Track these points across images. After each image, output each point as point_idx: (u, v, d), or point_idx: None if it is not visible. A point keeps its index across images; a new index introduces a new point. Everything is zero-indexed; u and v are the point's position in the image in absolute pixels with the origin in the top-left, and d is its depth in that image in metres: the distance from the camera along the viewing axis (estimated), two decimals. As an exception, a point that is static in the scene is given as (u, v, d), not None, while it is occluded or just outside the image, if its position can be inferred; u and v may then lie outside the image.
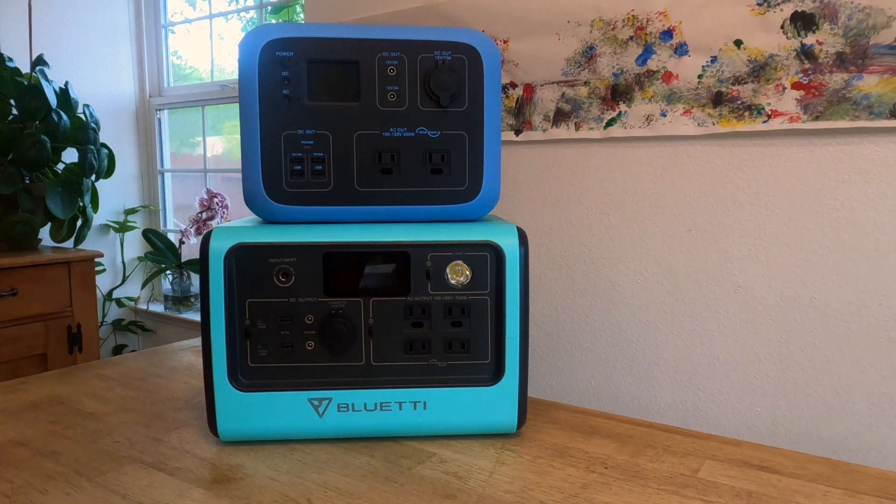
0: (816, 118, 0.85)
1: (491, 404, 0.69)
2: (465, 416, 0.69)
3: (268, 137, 0.64)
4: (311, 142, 0.65)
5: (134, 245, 2.32)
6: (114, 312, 2.31)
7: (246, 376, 0.65)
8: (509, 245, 0.68)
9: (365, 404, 0.67)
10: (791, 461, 0.64)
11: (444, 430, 0.70)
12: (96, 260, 1.77)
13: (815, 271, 0.88)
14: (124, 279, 2.29)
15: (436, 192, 0.69)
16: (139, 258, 2.33)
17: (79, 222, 1.84)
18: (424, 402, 0.68)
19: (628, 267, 1.03)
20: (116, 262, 2.28)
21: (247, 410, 0.64)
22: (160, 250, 2.14)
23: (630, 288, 1.03)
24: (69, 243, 1.94)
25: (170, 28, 2.25)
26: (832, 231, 0.86)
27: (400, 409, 0.67)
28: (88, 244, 2.15)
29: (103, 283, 2.24)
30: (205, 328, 0.63)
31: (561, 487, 0.59)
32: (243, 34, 0.70)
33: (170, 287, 2.22)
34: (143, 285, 2.30)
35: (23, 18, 1.89)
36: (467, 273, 0.67)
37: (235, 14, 2.12)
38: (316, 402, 0.66)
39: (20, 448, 0.65)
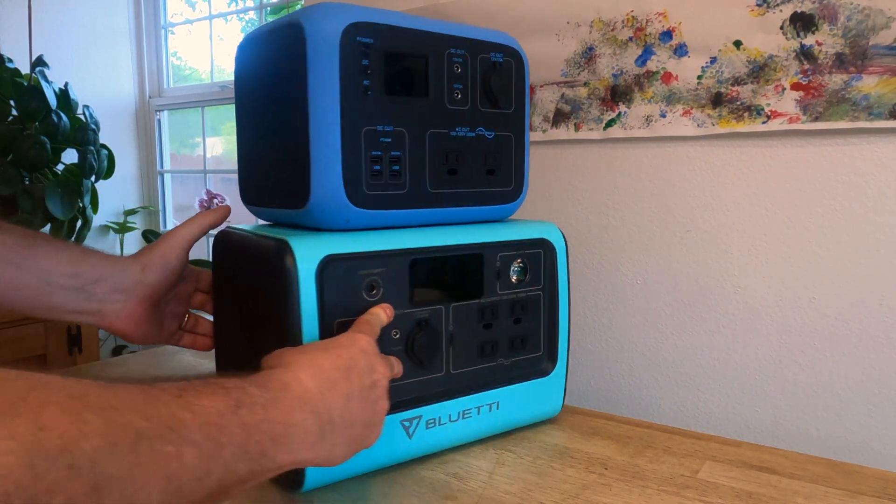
0: (816, 119, 0.85)
1: (546, 394, 0.72)
2: (528, 409, 0.71)
3: (346, 134, 0.56)
4: (389, 139, 0.59)
5: (134, 246, 2.32)
6: (114, 313, 2.30)
7: None
8: (558, 241, 0.72)
9: (450, 416, 0.64)
10: (791, 462, 0.64)
11: (511, 427, 0.70)
12: (96, 261, 1.77)
13: (814, 271, 0.88)
14: (124, 280, 2.28)
15: (490, 193, 0.68)
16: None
17: (78, 223, 1.84)
18: (497, 403, 0.68)
19: (628, 267, 1.03)
20: (116, 262, 2.28)
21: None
22: (160, 251, 2.14)
23: (630, 288, 1.03)
24: (69, 244, 1.93)
25: (170, 29, 2.25)
26: (832, 231, 0.86)
27: (478, 413, 0.66)
28: (88, 245, 2.14)
29: (103, 283, 2.23)
30: None
31: (561, 488, 0.59)
32: (303, 7, 0.55)
33: (170, 288, 2.22)
34: (143, 286, 2.29)
35: (23, 19, 1.89)
36: (526, 270, 0.68)
37: (235, 15, 2.12)
38: (407, 423, 0.61)
39: (20, 449, 0.65)
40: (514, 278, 0.68)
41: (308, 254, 0.53)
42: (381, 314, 0.55)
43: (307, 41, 0.54)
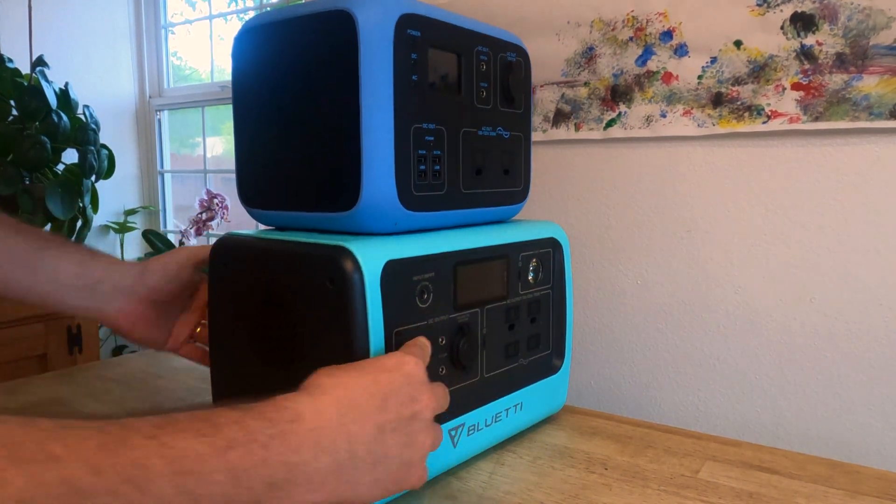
0: (816, 119, 0.85)
1: (555, 390, 0.72)
2: (541, 406, 0.71)
3: (399, 131, 0.53)
4: (433, 138, 0.56)
5: (134, 246, 2.32)
6: (114, 313, 2.31)
7: None
8: (564, 239, 0.73)
9: (486, 420, 0.62)
10: (791, 462, 0.64)
11: (528, 426, 0.71)
12: (96, 261, 1.77)
13: (815, 272, 0.88)
14: (124, 280, 2.28)
15: (505, 193, 0.68)
16: (139, 259, 2.33)
17: (79, 223, 1.84)
18: (521, 404, 0.68)
19: (628, 267, 1.03)
20: (116, 262, 2.28)
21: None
22: (160, 251, 2.14)
23: (630, 288, 1.03)
24: (69, 244, 1.93)
25: (170, 29, 2.25)
26: (832, 231, 0.86)
27: (506, 415, 0.65)
28: (94, 247, 2.14)
29: (103, 283, 2.23)
30: None
31: (561, 488, 0.59)
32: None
33: (170, 288, 2.22)
34: (143, 286, 2.29)
35: (23, 19, 1.89)
36: (539, 269, 0.69)
37: (235, 15, 2.12)
38: (453, 433, 0.59)
39: (20, 449, 0.65)
40: (530, 278, 0.67)
41: (371, 259, 0.49)
42: (427, 343, 0.51)
43: (359, 30, 0.50)
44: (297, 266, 0.53)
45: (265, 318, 0.56)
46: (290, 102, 0.57)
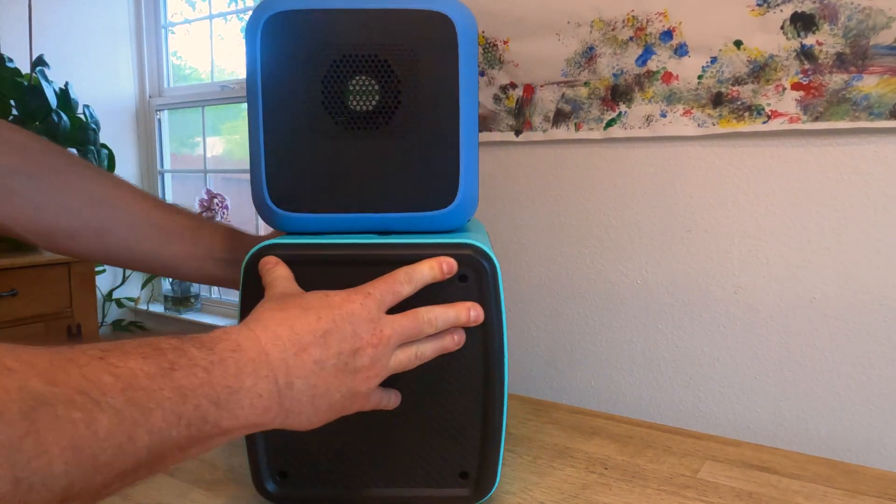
0: (816, 119, 0.85)
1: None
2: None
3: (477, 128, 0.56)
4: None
5: (134, 245, 2.32)
6: (114, 313, 2.31)
7: None
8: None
9: None
10: (791, 462, 0.64)
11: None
12: (96, 260, 1.77)
13: (814, 272, 0.88)
14: (124, 280, 2.29)
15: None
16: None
17: (79, 223, 1.83)
18: None
19: (628, 267, 1.03)
20: (116, 262, 2.28)
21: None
22: (160, 251, 2.14)
23: (630, 288, 1.03)
24: (69, 244, 1.93)
25: (170, 28, 2.25)
26: (832, 231, 0.86)
27: None
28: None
29: (103, 283, 2.24)
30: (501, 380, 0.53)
31: (561, 488, 0.59)
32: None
33: (169, 287, 2.22)
34: (143, 286, 2.30)
35: (23, 19, 1.89)
36: None
37: (235, 14, 2.12)
38: None
39: (20, 449, 0.65)
40: None
41: (493, 259, 0.52)
42: (433, 268, 0.49)
43: (458, 33, 0.53)
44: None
45: None
46: (360, 95, 0.55)
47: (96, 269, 1.82)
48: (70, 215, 0.59)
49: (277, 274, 0.49)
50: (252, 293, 0.52)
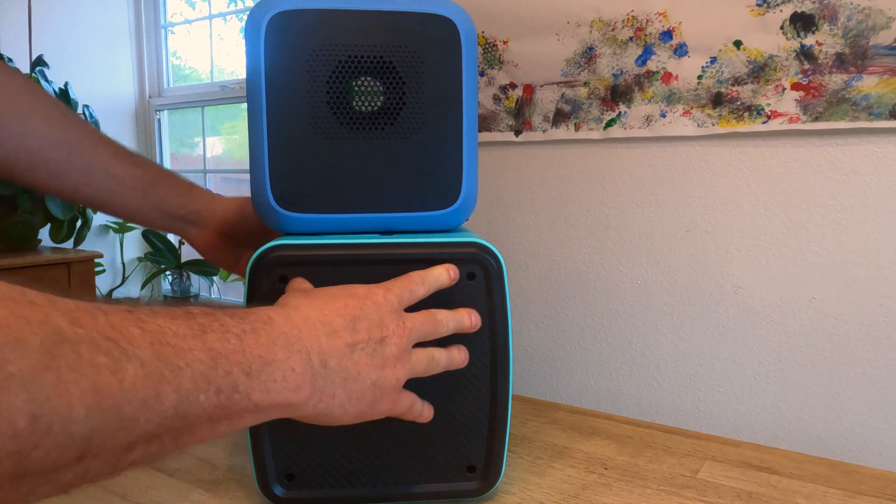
0: (816, 119, 0.85)
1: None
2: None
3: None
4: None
5: (134, 246, 2.32)
6: (113, 313, 2.31)
7: None
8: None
9: None
10: (791, 462, 0.64)
11: None
12: (96, 261, 1.77)
13: (814, 272, 0.88)
14: (124, 280, 2.29)
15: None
16: (139, 259, 2.33)
17: (78, 223, 1.84)
18: None
19: (628, 267, 1.03)
20: (116, 262, 2.28)
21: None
22: (160, 251, 2.14)
23: (630, 288, 1.03)
24: (69, 244, 1.94)
25: (169, 29, 2.25)
26: (832, 232, 0.86)
27: None
28: (88, 245, 2.14)
29: (103, 283, 2.24)
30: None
31: (561, 488, 0.59)
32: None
33: (169, 288, 2.22)
34: (143, 286, 2.30)
35: (23, 19, 1.89)
36: None
37: (235, 14, 2.12)
38: None
39: (20, 449, 0.65)
40: None
41: (499, 256, 0.53)
42: (443, 274, 0.50)
43: (462, 37, 0.54)
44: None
45: None
46: (365, 96, 0.55)
47: (96, 269, 1.82)
48: (29, 154, 0.62)
49: (299, 282, 0.50)
50: (257, 293, 0.52)
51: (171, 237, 2.28)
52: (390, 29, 0.54)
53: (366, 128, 0.55)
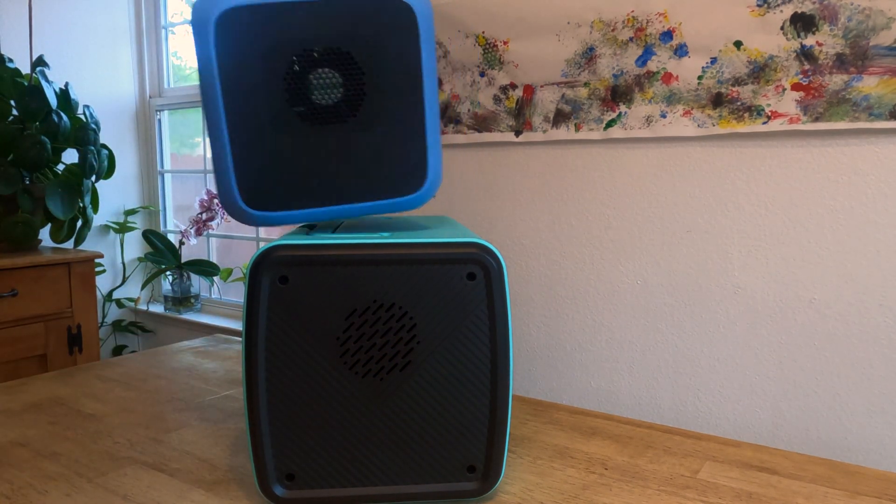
0: (816, 119, 0.85)
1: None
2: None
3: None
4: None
5: (134, 246, 2.32)
6: (114, 313, 2.31)
7: None
8: None
9: None
10: (791, 462, 0.64)
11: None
12: (96, 261, 1.77)
13: (814, 272, 0.88)
14: (124, 280, 2.29)
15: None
16: (139, 259, 2.33)
17: (79, 223, 1.84)
18: None
19: (628, 268, 1.03)
20: (116, 262, 2.28)
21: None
22: (160, 251, 2.14)
23: (630, 288, 1.03)
24: (69, 244, 1.94)
25: (170, 29, 2.25)
26: (832, 232, 0.86)
27: None
28: (88, 245, 2.14)
29: (103, 283, 2.24)
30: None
31: (561, 488, 0.59)
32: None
33: (170, 288, 2.22)
34: (143, 286, 2.30)
35: (23, 19, 1.89)
36: None
37: (235, 15, 2.12)
38: None
39: (20, 449, 0.65)
40: None
41: (499, 256, 0.53)
42: None
43: (419, 20, 0.53)
44: (422, 271, 0.52)
45: (370, 336, 0.53)
46: (324, 89, 0.54)
47: (96, 269, 1.82)
48: None
49: None
50: (256, 295, 0.51)
51: (172, 237, 2.28)
52: (344, 18, 0.53)
53: (328, 121, 0.54)
